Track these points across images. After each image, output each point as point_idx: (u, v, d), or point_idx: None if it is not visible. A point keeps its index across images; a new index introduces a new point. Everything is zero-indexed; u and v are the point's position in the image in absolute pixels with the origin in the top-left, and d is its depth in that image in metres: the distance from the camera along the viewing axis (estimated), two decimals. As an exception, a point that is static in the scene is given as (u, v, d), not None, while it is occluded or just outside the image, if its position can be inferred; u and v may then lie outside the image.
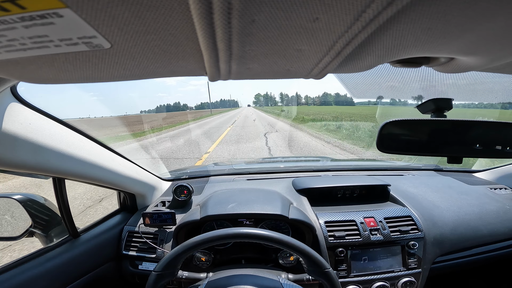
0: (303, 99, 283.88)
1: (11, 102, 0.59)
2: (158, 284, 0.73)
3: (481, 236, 1.13)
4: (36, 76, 0.31)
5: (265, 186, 1.33)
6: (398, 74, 0.45)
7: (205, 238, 0.75)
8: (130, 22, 0.21)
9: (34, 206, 0.94)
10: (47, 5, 0.18)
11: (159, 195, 1.32)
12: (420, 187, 1.37)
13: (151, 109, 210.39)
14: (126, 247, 1.09)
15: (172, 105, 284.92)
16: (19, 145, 0.59)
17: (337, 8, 0.20)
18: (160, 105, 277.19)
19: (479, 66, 0.35)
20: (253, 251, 1.08)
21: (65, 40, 0.23)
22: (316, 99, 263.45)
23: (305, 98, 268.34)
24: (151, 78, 0.34)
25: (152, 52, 0.26)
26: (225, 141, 8.92)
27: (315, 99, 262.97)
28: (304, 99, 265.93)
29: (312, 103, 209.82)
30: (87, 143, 0.85)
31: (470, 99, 0.60)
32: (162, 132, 13.93)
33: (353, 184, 1.28)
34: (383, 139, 0.67)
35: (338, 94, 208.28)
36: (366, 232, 1.04)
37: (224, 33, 0.22)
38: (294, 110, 41.54)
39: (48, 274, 0.83)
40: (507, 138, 0.63)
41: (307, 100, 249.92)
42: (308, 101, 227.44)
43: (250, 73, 0.34)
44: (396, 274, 1.02)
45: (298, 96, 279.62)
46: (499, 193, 1.37)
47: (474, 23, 0.23)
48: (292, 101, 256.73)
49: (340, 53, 0.28)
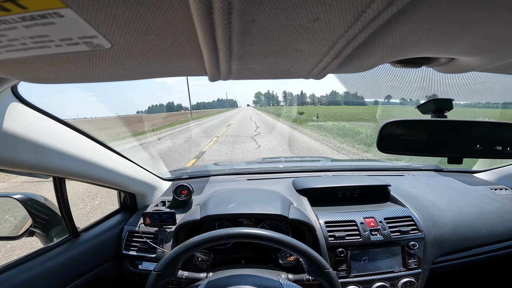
0: (308, 98, 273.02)
1: (12, 102, 0.59)
2: (158, 283, 0.73)
3: (481, 237, 1.13)
4: (37, 75, 0.31)
5: (265, 186, 1.33)
6: (398, 75, 0.45)
7: (206, 238, 0.75)
8: (130, 22, 0.21)
9: (34, 205, 0.95)
10: (47, 5, 0.18)
11: (159, 195, 1.32)
12: (420, 187, 1.37)
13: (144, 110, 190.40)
14: (126, 246, 1.09)
15: (152, 106, 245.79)
16: (19, 144, 0.59)
17: (338, 8, 0.20)
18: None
19: (480, 66, 0.35)
20: (253, 251, 1.08)
21: (65, 40, 0.23)
22: (323, 99, 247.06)
23: (311, 97, 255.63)
24: (151, 78, 0.34)
25: (152, 52, 0.26)
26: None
27: (322, 99, 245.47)
28: (310, 98, 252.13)
29: (318, 103, 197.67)
30: (87, 143, 0.85)
31: (470, 99, 0.60)
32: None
33: (353, 184, 1.28)
34: (384, 139, 0.67)
35: (348, 93, 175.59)
36: (366, 233, 1.04)
37: (224, 33, 0.22)
38: (294, 110, 35.08)
39: (48, 273, 0.83)
40: (507, 138, 0.63)
41: (313, 99, 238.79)
42: (314, 100, 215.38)
43: (250, 73, 0.34)
44: (396, 274, 1.02)
45: (303, 95, 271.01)
46: (499, 193, 1.37)
47: (474, 23, 0.23)
48: (294, 101, 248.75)
49: (340, 53, 0.28)
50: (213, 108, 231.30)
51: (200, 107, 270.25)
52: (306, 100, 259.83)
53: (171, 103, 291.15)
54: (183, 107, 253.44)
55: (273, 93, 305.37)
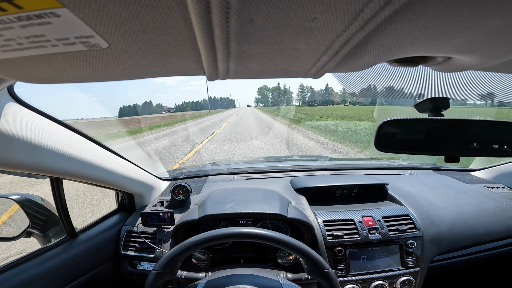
0: (335, 94, 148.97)
1: (8, 102, 0.59)
2: (157, 283, 0.73)
3: (479, 235, 1.14)
4: (33, 75, 0.31)
5: (264, 185, 1.33)
6: (396, 74, 0.45)
7: (205, 238, 0.75)
8: (127, 21, 0.21)
9: (32, 206, 0.94)
10: (44, 5, 0.18)
11: (157, 194, 1.32)
12: (418, 186, 1.38)
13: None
14: (125, 247, 1.09)
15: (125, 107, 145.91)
16: (16, 145, 0.59)
17: (335, 7, 0.20)
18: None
19: (476, 65, 0.35)
20: (252, 251, 1.08)
21: (62, 40, 0.23)
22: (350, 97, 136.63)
23: (341, 95, 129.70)
24: (148, 78, 0.34)
25: (149, 52, 0.26)
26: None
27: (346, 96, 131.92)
28: (339, 96, 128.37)
29: (341, 102, 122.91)
30: (84, 143, 0.84)
31: (467, 98, 0.60)
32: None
33: (351, 183, 1.29)
34: (381, 138, 0.67)
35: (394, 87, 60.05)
36: (364, 231, 1.05)
37: (222, 32, 0.22)
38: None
39: (46, 274, 0.83)
40: (504, 137, 0.63)
41: (344, 96, 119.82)
42: (345, 98, 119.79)
43: (248, 73, 0.34)
44: (395, 273, 1.02)
45: (328, 90, 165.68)
46: (496, 191, 1.38)
47: (470, 22, 0.24)
48: (319, 97, 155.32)
49: (338, 53, 0.28)
50: (200, 110, 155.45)
51: (186, 107, 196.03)
52: (330, 98, 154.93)
53: (148, 103, 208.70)
54: (164, 107, 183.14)
55: (284, 87, 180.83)
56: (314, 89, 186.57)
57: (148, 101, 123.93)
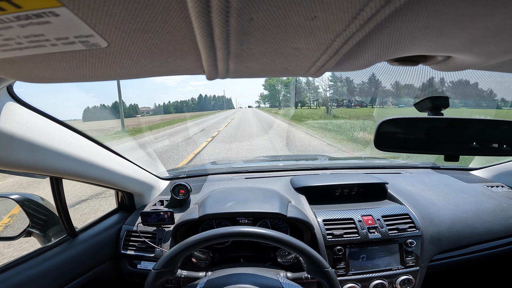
0: (385, 92, 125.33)
1: (8, 102, 0.59)
2: (157, 282, 0.73)
3: (478, 234, 1.14)
4: (33, 75, 0.31)
5: (263, 184, 1.33)
6: (396, 73, 0.45)
7: (205, 237, 0.75)
8: (127, 20, 0.21)
9: (32, 205, 0.94)
10: (43, 4, 0.18)
11: (157, 194, 1.32)
12: (418, 185, 1.38)
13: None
14: (125, 246, 1.09)
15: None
16: (15, 144, 0.59)
17: (335, 6, 0.20)
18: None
19: (476, 64, 0.35)
20: (251, 250, 1.08)
21: (61, 39, 0.23)
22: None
23: (393, 92, 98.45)
24: (148, 77, 0.34)
25: (149, 51, 0.26)
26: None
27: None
28: (391, 93, 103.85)
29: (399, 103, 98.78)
30: (84, 142, 0.84)
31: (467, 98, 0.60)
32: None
33: (351, 182, 1.29)
34: (381, 137, 0.67)
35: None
36: (364, 230, 1.05)
37: (222, 31, 0.22)
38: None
39: (46, 274, 0.83)
40: (503, 136, 0.63)
41: (398, 94, 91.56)
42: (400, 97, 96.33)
43: (248, 72, 0.34)
44: (394, 272, 1.02)
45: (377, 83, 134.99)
46: (495, 191, 1.38)
47: (470, 21, 0.24)
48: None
49: (338, 52, 0.28)
50: (188, 112, 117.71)
51: (169, 109, 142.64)
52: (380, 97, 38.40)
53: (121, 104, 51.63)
54: (140, 109, 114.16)
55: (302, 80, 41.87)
56: (353, 81, 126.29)
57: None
